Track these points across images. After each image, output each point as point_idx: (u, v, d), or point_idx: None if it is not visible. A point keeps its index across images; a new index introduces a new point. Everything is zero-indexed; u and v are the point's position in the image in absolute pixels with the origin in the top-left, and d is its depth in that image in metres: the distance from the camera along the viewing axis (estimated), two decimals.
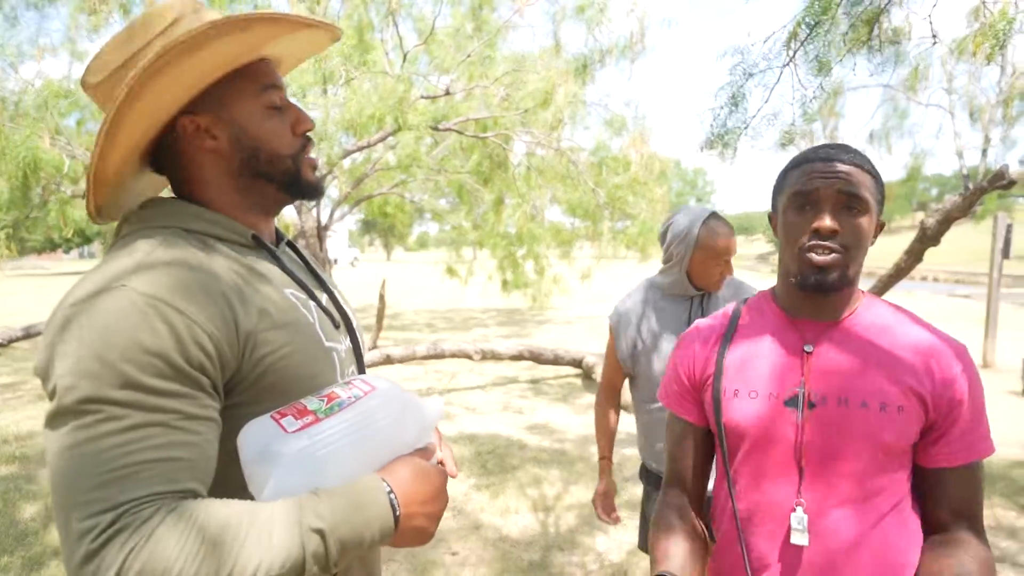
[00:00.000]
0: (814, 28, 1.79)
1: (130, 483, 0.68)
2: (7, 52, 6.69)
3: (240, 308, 0.81)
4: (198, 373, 0.75)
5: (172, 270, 0.78)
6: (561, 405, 6.44)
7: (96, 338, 0.71)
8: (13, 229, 8.19)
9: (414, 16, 8.44)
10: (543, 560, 3.22)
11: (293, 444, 0.76)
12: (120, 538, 0.66)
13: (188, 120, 0.90)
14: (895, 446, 1.03)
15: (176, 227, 0.86)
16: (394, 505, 0.78)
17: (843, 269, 1.04)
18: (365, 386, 0.87)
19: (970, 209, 4.78)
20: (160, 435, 0.71)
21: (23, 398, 6.47)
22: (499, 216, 9.27)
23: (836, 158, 1.05)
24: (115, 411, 0.70)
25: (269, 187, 0.96)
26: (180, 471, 0.71)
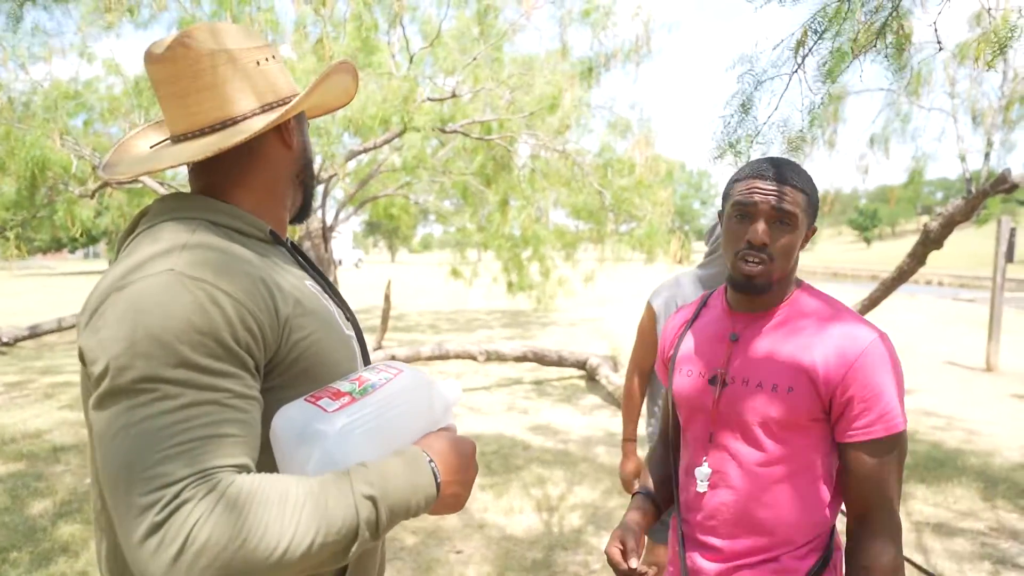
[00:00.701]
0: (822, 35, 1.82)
1: (189, 458, 0.70)
2: (17, 53, 6.75)
3: (277, 294, 0.85)
4: (245, 354, 0.78)
5: (213, 255, 0.81)
6: (565, 406, 6.46)
7: (150, 319, 0.73)
8: (21, 229, 8.24)
9: (420, 19, 8.49)
10: (547, 559, 3.24)
11: (336, 422, 0.80)
12: (184, 510, 0.68)
13: (288, 123, 1.00)
14: (787, 421, 1.20)
15: (202, 219, 0.89)
16: (435, 473, 0.85)
17: (768, 277, 1.21)
18: (392, 369, 0.93)
19: (973, 213, 4.79)
20: (215, 412, 0.74)
21: (30, 396, 6.51)
22: (504, 218, 9.30)
23: (775, 177, 1.21)
24: (171, 390, 0.72)
25: (302, 198, 1.08)
26: (235, 446, 0.74)
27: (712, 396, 1.29)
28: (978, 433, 5.50)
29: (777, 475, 1.22)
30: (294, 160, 1.03)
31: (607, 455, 4.87)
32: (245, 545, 0.68)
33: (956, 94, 5.90)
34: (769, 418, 1.21)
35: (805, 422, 1.20)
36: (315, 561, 0.73)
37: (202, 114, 0.92)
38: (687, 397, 1.34)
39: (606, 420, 5.93)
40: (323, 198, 9.96)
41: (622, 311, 14.75)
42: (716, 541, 1.28)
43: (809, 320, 1.24)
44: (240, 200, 0.97)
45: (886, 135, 6.73)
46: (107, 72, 7.68)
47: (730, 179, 1.30)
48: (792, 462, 1.22)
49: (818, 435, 1.22)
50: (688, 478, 1.34)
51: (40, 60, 7.05)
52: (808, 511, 1.23)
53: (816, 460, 1.23)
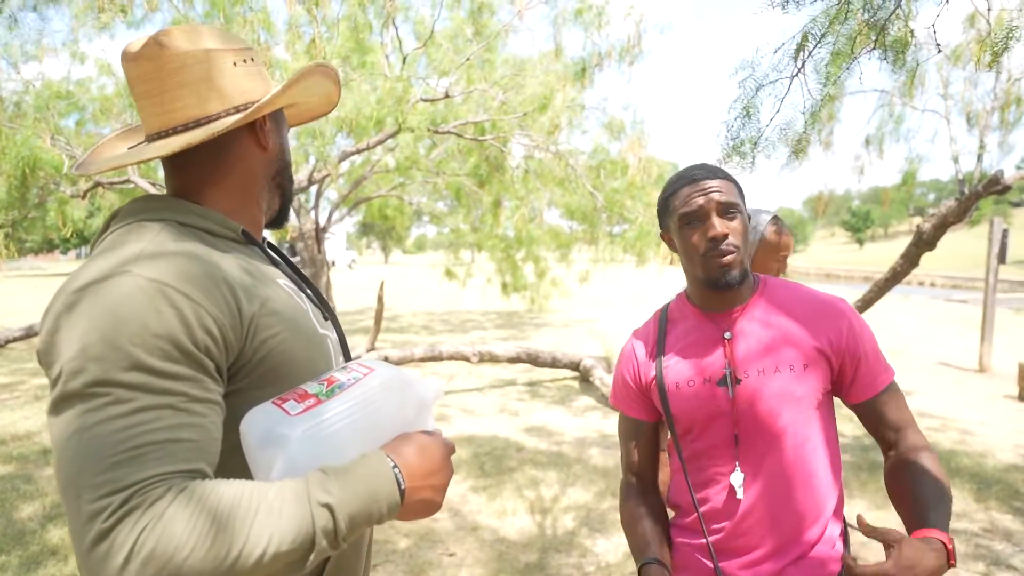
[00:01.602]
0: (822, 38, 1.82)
1: (139, 463, 0.69)
2: (9, 52, 6.70)
3: (241, 294, 0.84)
4: (204, 356, 0.77)
5: (175, 257, 0.80)
6: (558, 408, 6.45)
7: (103, 322, 0.72)
8: (11, 229, 8.18)
9: (413, 19, 8.47)
10: (540, 561, 3.23)
11: (298, 426, 0.78)
12: (131, 518, 0.66)
13: (263, 119, 1.00)
14: (809, 398, 1.25)
15: (171, 220, 0.89)
16: (399, 479, 0.81)
17: (740, 264, 1.26)
18: (363, 368, 0.90)
19: (966, 214, 4.81)
20: (168, 417, 0.72)
21: (20, 398, 6.46)
22: (497, 219, 9.28)
23: (704, 178, 1.27)
24: (123, 394, 0.70)
25: (278, 202, 1.08)
26: (188, 452, 0.72)
27: (727, 397, 1.27)
28: (971, 434, 5.52)
29: (806, 455, 1.26)
30: (269, 162, 1.02)
31: (600, 456, 4.86)
32: (193, 554, 0.66)
33: (950, 96, 5.92)
34: (793, 397, 1.24)
35: (821, 396, 1.27)
36: (269, 570, 0.71)
37: (175, 113, 0.92)
38: (695, 408, 1.29)
39: (599, 422, 5.92)
40: (316, 199, 9.93)
41: (616, 312, 14.76)
42: (755, 544, 1.25)
43: (788, 302, 1.32)
44: (213, 201, 0.97)
45: (880, 136, 6.76)
46: (99, 72, 7.64)
47: (662, 196, 1.34)
48: (816, 439, 1.27)
49: (828, 408, 1.31)
50: (710, 490, 1.30)
51: (32, 60, 7.00)
52: (832, 483, 1.28)
53: (829, 445, 1.29)
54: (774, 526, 1.25)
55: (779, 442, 1.25)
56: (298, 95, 1.01)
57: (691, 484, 1.33)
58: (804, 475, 1.25)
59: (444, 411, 6.25)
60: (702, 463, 1.31)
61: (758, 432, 1.25)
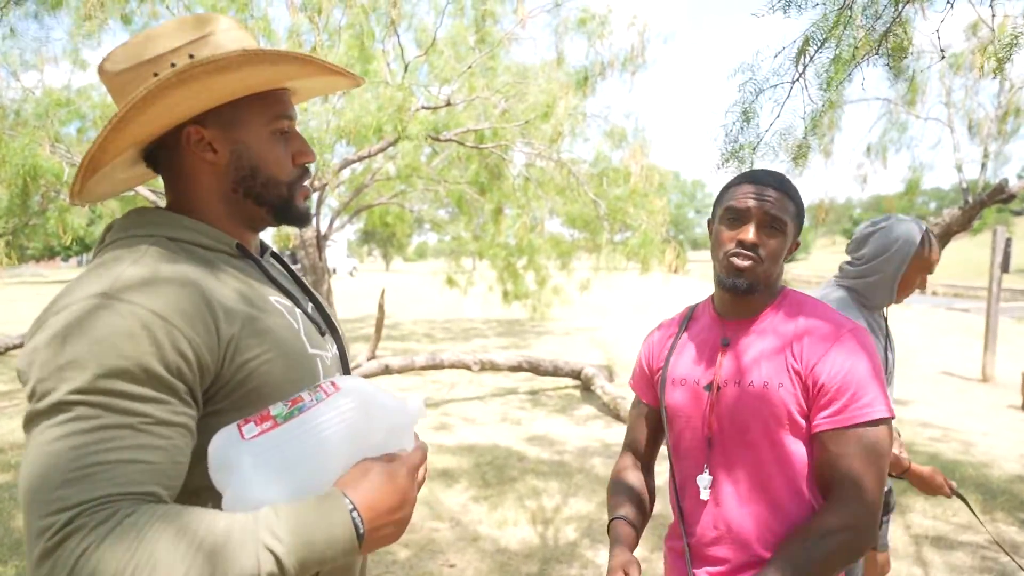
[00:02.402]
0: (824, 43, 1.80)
1: (89, 483, 0.68)
2: (9, 61, 6.72)
3: (222, 314, 0.82)
4: (175, 379, 0.76)
5: (155, 278, 0.79)
6: (560, 416, 6.41)
7: (74, 342, 0.72)
8: (12, 236, 8.18)
9: (416, 27, 8.49)
10: (541, 572, 3.19)
11: (247, 452, 0.75)
12: (74, 539, 0.65)
13: (194, 130, 0.91)
14: (779, 417, 1.22)
15: (160, 236, 0.88)
16: (357, 524, 0.75)
17: (756, 275, 1.24)
18: (331, 388, 0.83)
19: (969, 223, 4.80)
20: (127, 438, 0.71)
21: (19, 406, 6.43)
22: (498, 227, 9.26)
23: (769, 183, 1.25)
24: (85, 411, 0.70)
25: (259, 209, 0.98)
26: (142, 474, 0.71)
27: (707, 402, 1.30)
28: (975, 444, 5.47)
29: (777, 481, 1.24)
30: (222, 173, 0.94)
31: (603, 466, 4.82)
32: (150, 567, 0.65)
33: (952, 104, 5.92)
34: (763, 415, 1.23)
35: (794, 418, 1.23)
36: None
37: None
38: (681, 407, 1.35)
39: (601, 431, 5.88)
40: (317, 207, 9.93)
41: (618, 321, 14.73)
42: (723, 551, 1.27)
43: (794, 319, 1.29)
44: (203, 213, 0.95)
45: (883, 145, 6.75)
46: (99, 80, 7.64)
47: (723, 186, 1.34)
48: (790, 467, 1.23)
49: (802, 433, 1.25)
50: (687, 489, 1.35)
51: (32, 68, 7.01)
52: (804, 508, 1.25)
53: (806, 459, 1.25)
54: (739, 538, 1.25)
55: (749, 454, 1.25)
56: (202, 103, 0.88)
57: (676, 484, 1.38)
58: (773, 491, 1.24)
59: (445, 420, 6.21)
60: (683, 463, 1.36)
61: (728, 441, 1.27)
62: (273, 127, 0.96)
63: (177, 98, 0.85)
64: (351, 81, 1.03)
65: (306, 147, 1.00)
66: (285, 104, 0.98)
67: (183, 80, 0.83)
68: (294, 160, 0.99)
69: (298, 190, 1.00)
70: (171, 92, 0.84)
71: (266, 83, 0.93)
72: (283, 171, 0.98)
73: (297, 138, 1.00)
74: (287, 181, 0.98)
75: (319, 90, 1.10)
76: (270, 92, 0.96)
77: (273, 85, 0.95)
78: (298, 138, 1.00)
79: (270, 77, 0.92)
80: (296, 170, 1.00)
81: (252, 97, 0.93)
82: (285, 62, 0.90)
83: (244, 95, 0.92)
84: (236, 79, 0.87)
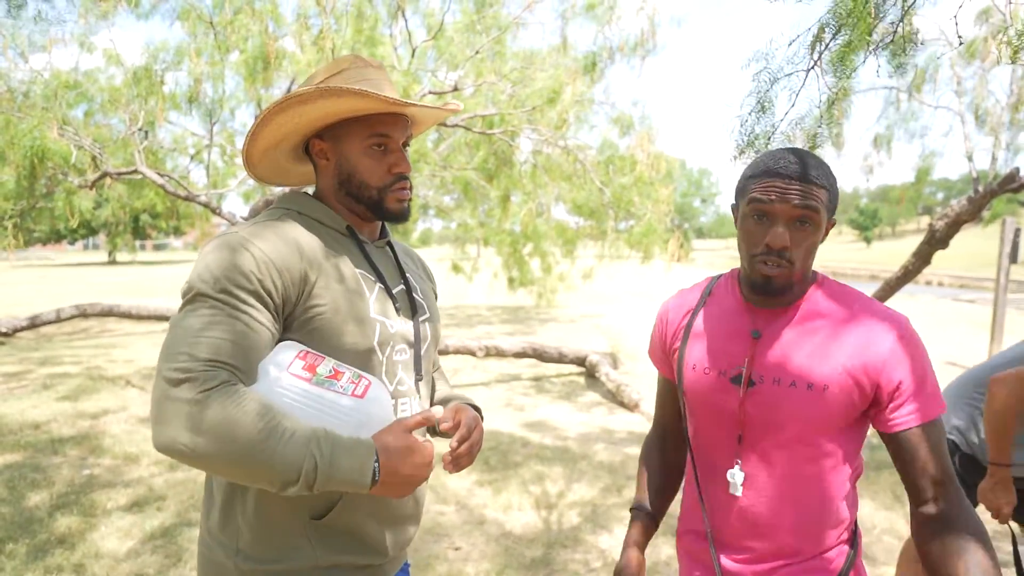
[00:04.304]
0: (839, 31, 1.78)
1: (200, 349, 1.00)
2: (17, 42, 6.70)
3: (309, 266, 1.13)
4: (265, 294, 1.08)
5: (272, 231, 1.14)
6: (564, 403, 6.44)
7: (210, 259, 1.08)
8: (19, 219, 8.20)
9: (423, 11, 8.44)
10: (545, 557, 3.22)
11: (274, 377, 1.06)
12: (187, 385, 0.97)
13: (315, 141, 1.27)
14: (823, 421, 1.16)
15: (293, 210, 1.23)
16: (375, 474, 1.05)
17: (788, 279, 1.16)
18: (360, 390, 1.10)
19: (979, 213, 4.77)
20: (229, 323, 1.03)
21: (27, 387, 6.48)
22: (506, 213, 9.25)
23: (796, 174, 1.13)
24: (207, 303, 1.04)
25: (358, 206, 1.27)
26: (233, 351, 1.02)
27: (737, 396, 1.22)
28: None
29: (812, 477, 1.19)
30: (332, 174, 1.27)
31: (606, 452, 4.85)
32: (233, 430, 0.96)
33: (963, 92, 5.86)
34: (807, 419, 1.16)
35: (841, 422, 1.17)
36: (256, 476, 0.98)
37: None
38: (704, 396, 1.28)
39: (605, 417, 5.90)
40: None
41: (622, 309, 14.72)
42: (751, 543, 1.25)
43: (834, 313, 1.19)
44: (328, 201, 1.28)
45: (888, 136, 6.70)
46: (108, 62, 7.63)
47: (745, 173, 1.22)
48: (826, 463, 1.19)
49: (852, 434, 1.20)
50: (713, 480, 1.29)
51: (40, 49, 7.00)
52: (839, 510, 1.21)
53: (848, 459, 1.21)
54: (770, 532, 1.22)
55: (783, 454, 1.20)
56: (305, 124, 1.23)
57: (697, 469, 1.33)
58: (807, 491, 1.20)
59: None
60: (707, 452, 1.31)
61: (762, 439, 1.21)
62: (368, 143, 1.23)
63: (280, 120, 1.21)
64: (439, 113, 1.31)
65: (401, 160, 1.25)
66: (382, 125, 1.23)
67: (282, 108, 1.18)
68: (389, 170, 1.25)
69: (389, 194, 1.25)
70: (274, 117, 1.20)
71: (342, 111, 1.20)
72: (374, 177, 1.24)
73: (395, 153, 1.25)
74: (378, 186, 1.25)
75: (430, 119, 1.36)
76: (371, 116, 1.23)
77: (349, 113, 1.22)
78: (397, 152, 1.25)
79: (341, 107, 1.19)
80: (389, 177, 1.25)
81: (353, 120, 1.23)
82: (347, 96, 1.16)
83: (340, 118, 1.22)
84: (314, 108, 1.18)
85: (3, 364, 7.68)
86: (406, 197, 1.28)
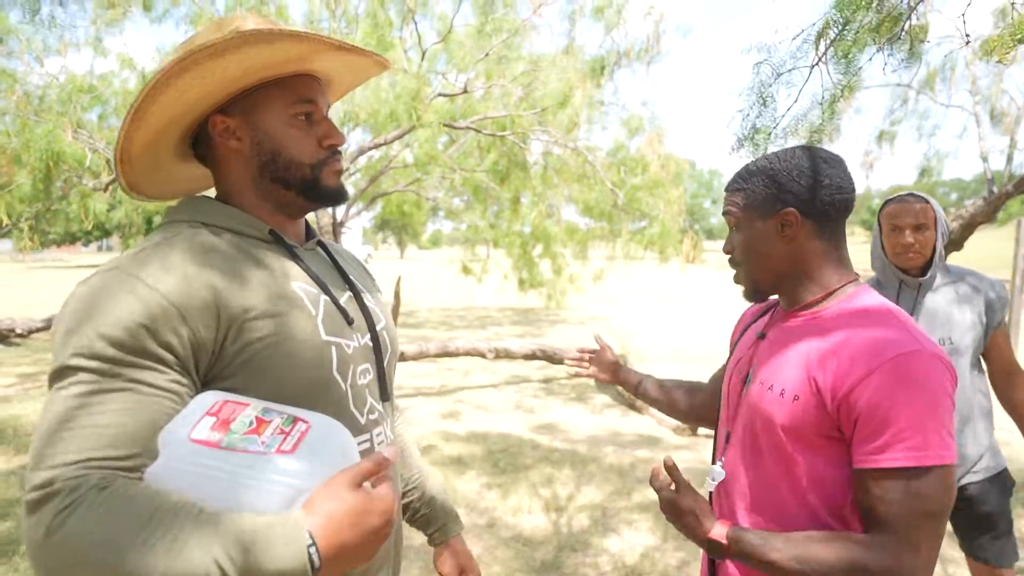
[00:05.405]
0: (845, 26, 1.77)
1: (72, 444, 0.74)
2: (32, 47, 6.78)
3: (227, 295, 0.86)
4: (164, 351, 0.81)
5: (165, 258, 0.85)
6: (574, 405, 6.43)
7: (80, 313, 0.80)
8: (35, 221, 8.30)
9: (435, 14, 8.47)
10: (556, 560, 3.21)
11: (180, 450, 0.76)
12: (52, 502, 0.71)
13: (219, 119, 0.97)
14: (793, 430, 1.08)
15: (196, 221, 0.94)
16: (313, 560, 0.71)
17: (746, 282, 1.21)
18: (289, 443, 0.78)
19: (994, 214, 4.72)
20: (117, 401, 0.77)
21: (42, 388, 6.55)
22: (516, 215, 9.26)
23: (727, 187, 1.22)
24: (84, 377, 0.77)
25: (286, 192, 1.01)
26: (124, 437, 0.76)
27: (739, 396, 1.24)
28: (1003, 440, 5.40)
29: (782, 489, 1.10)
30: (246, 160, 0.99)
31: (615, 455, 4.83)
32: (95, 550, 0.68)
33: (978, 91, 5.80)
34: (775, 425, 1.10)
35: (812, 437, 1.06)
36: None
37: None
38: (724, 395, 1.32)
39: (615, 420, 5.89)
40: None
41: (632, 310, 14.68)
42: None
43: (840, 324, 1.09)
44: (239, 200, 1.01)
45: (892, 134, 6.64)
46: (121, 66, 7.71)
47: None
48: (795, 478, 1.09)
49: (832, 455, 1.05)
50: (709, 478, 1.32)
51: (55, 53, 7.08)
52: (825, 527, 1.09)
53: (832, 483, 1.06)
54: None
55: (758, 461, 1.15)
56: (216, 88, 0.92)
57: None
58: (782, 507, 1.10)
59: (458, 407, 6.25)
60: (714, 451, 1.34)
61: (741, 440, 1.20)
62: (293, 111, 0.98)
63: (183, 85, 0.88)
64: (374, 62, 1.04)
65: (333, 130, 1.01)
66: (307, 89, 1.00)
67: (185, 67, 0.87)
68: (320, 143, 1.01)
69: (324, 169, 1.01)
70: (176, 80, 0.88)
71: (268, 64, 0.93)
72: (305, 153, 0.99)
73: (323, 122, 1.02)
74: (310, 163, 1.00)
75: (349, 79, 1.10)
76: (289, 78, 0.98)
77: (279, 68, 0.95)
78: (324, 121, 1.02)
79: (269, 57, 0.91)
80: (322, 152, 1.01)
81: (270, 84, 0.96)
82: (281, 39, 0.89)
83: (257, 80, 0.95)
84: (235, 61, 0.89)
85: (19, 365, 7.77)
86: (341, 170, 1.07)
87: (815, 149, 1.16)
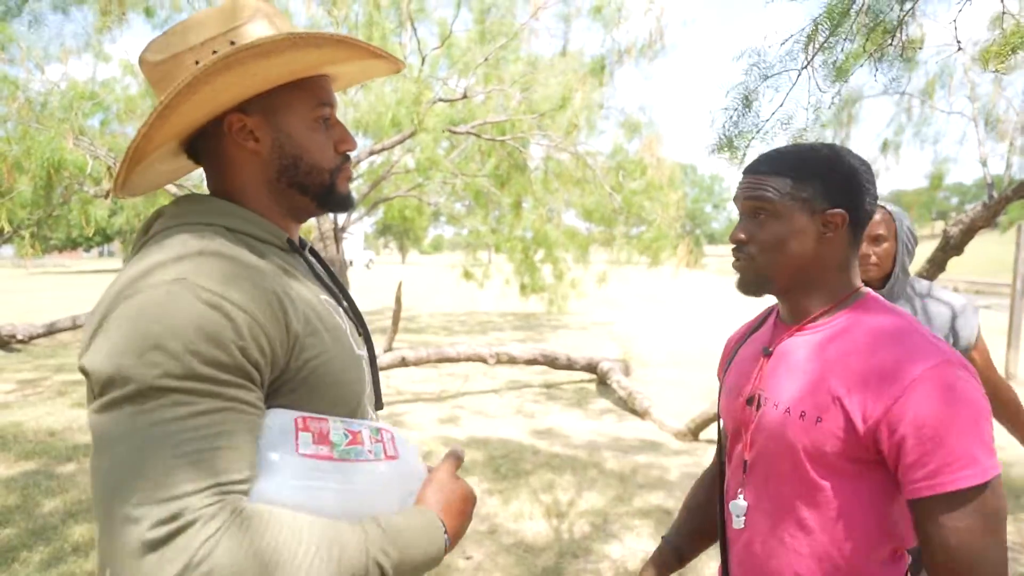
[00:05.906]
0: (833, 32, 1.77)
1: (198, 470, 0.68)
2: (33, 55, 6.81)
3: (291, 311, 0.82)
4: (252, 368, 0.76)
5: (226, 264, 0.79)
6: (575, 410, 6.42)
7: (158, 328, 0.71)
8: (36, 227, 8.32)
9: (435, 20, 8.50)
10: (557, 566, 3.21)
11: (294, 467, 0.77)
12: (192, 530, 0.66)
13: (236, 117, 0.89)
14: (817, 455, 1.00)
15: (218, 225, 0.86)
16: (447, 545, 0.87)
17: (752, 275, 1.09)
18: (391, 448, 0.89)
19: (994, 219, 4.71)
20: (225, 422, 0.72)
21: (43, 394, 6.55)
22: (517, 219, 9.28)
23: (754, 169, 1.09)
24: (180, 398, 0.70)
25: (302, 198, 0.96)
26: (239, 460, 0.73)
27: (751, 419, 1.12)
28: (998, 445, 5.39)
29: (809, 518, 1.03)
30: (264, 162, 0.92)
31: (616, 461, 4.82)
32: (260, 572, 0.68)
33: (977, 97, 5.81)
34: (801, 449, 1.01)
35: (841, 462, 0.99)
36: None
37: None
38: (728, 419, 1.20)
39: (616, 425, 5.88)
40: None
41: (634, 315, 14.68)
42: None
43: (856, 337, 1.02)
44: (245, 199, 0.93)
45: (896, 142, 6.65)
46: (123, 73, 7.74)
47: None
48: (823, 505, 1.02)
49: (867, 480, 0.99)
50: (727, 512, 1.19)
51: (55, 60, 7.11)
52: (854, 570, 1.02)
53: (866, 510, 1.00)
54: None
55: (780, 487, 1.06)
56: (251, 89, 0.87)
57: (721, 505, 1.24)
58: (812, 537, 1.03)
59: (459, 412, 6.24)
60: (727, 483, 1.21)
61: (761, 467, 1.09)
62: (316, 114, 0.94)
63: (222, 84, 0.83)
64: (390, 65, 1.01)
65: (347, 135, 0.99)
66: (327, 91, 0.96)
67: (228, 65, 0.81)
68: (336, 148, 0.97)
69: (339, 175, 0.98)
70: (216, 78, 0.82)
71: (310, 68, 0.90)
72: (325, 158, 0.96)
73: (339, 125, 0.99)
74: (329, 168, 0.96)
75: (357, 77, 1.07)
76: (312, 79, 0.94)
77: (317, 70, 0.93)
78: (339, 125, 0.99)
79: (313, 61, 0.89)
80: (338, 158, 0.98)
81: (293, 84, 0.91)
82: (330, 45, 0.87)
83: (287, 81, 0.90)
84: (281, 63, 0.84)
85: (19, 371, 7.77)
86: (351, 176, 1.03)
87: (852, 151, 1.09)
